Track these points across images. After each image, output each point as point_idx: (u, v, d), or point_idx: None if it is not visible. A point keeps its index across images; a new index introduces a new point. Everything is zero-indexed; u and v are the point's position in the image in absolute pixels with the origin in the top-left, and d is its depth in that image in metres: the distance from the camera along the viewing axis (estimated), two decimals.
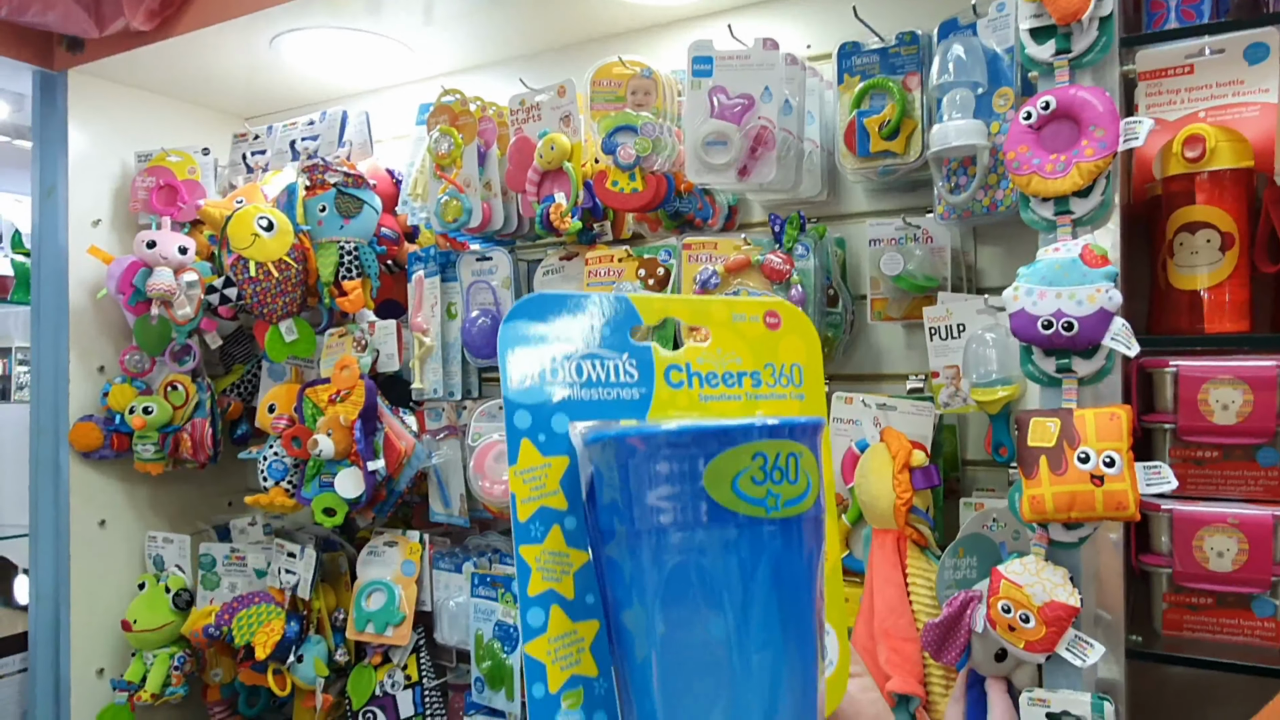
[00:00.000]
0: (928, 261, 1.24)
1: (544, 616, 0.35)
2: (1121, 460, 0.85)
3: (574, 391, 0.37)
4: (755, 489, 0.33)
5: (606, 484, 0.35)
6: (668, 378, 0.38)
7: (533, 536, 0.35)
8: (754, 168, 1.25)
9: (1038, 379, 0.94)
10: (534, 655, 0.35)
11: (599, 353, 0.37)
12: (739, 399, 0.40)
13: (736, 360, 0.40)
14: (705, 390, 0.39)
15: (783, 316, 0.41)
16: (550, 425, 0.36)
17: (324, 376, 1.61)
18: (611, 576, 0.35)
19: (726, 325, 0.40)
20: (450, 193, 1.48)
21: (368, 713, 1.60)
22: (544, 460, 0.36)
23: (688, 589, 0.33)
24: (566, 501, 0.36)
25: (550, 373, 0.36)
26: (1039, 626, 0.89)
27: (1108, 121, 0.88)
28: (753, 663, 0.33)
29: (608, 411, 0.37)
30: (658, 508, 0.33)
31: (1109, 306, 0.86)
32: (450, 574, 1.57)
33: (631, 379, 0.38)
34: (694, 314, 0.40)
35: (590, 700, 0.36)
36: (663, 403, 0.38)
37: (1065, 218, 0.92)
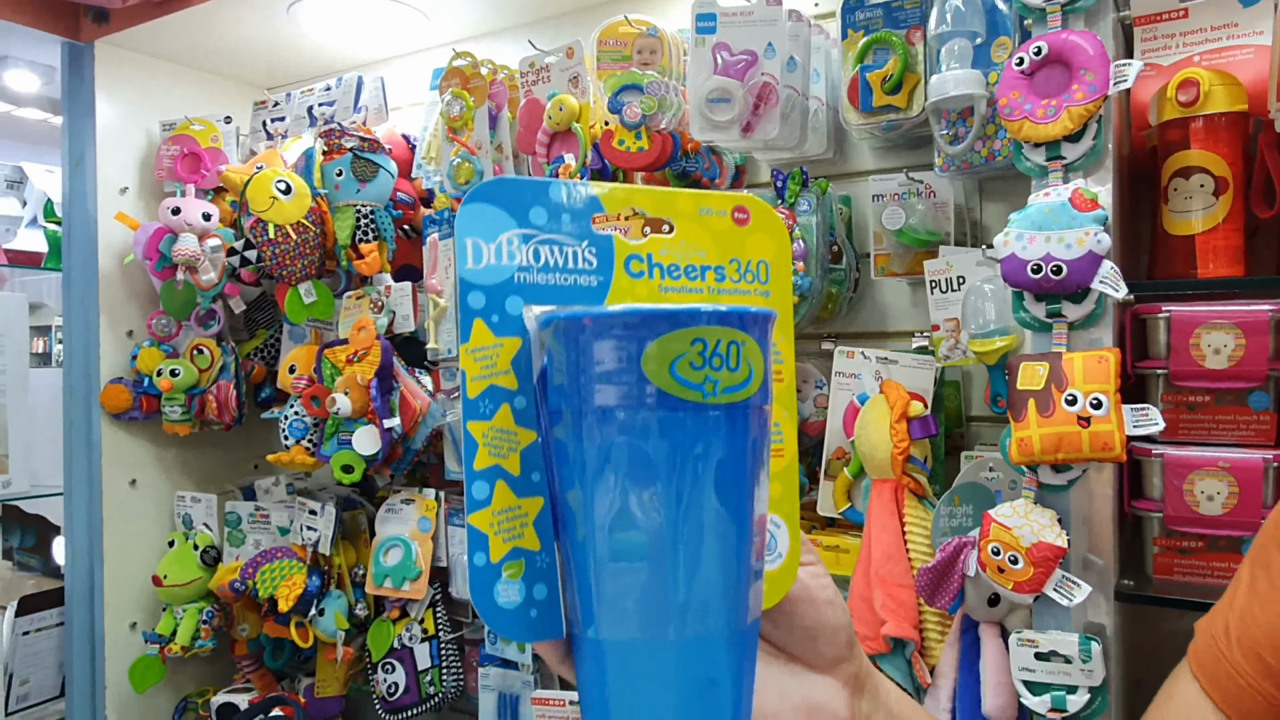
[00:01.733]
0: (930, 216, 1.24)
1: (488, 490, 0.36)
2: (1109, 402, 0.86)
3: (530, 275, 0.37)
4: (694, 374, 0.33)
5: (556, 366, 0.35)
6: (628, 267, 0.39)
7: (481, 413, 0.36)
8: (757, 124, 1.26)
9: (1029, 324, 0.94)
10: (477, 526, 0.36)
11: (557, 238, 0.37)
12: (700, 292, 0.39)
13: (701, 254, 0.39)
14: (666, 282, 0.39)
15: (751, 212, 0.40)
16: (504, 307, 0.36)
17: (342, 338, 1.65)
18: (558, 457, 0.36)
19: (692, 218, 0.39)
20: (462, 155, 1.50)
21: (387, 664, 1.65)
22: (496, 340, 0.36)
23: (625, 470, 0.34)
24: (517, 382, 0.37)
25: (507, 255, 0.36)
26: (1027, 567, 0.91)
27: (1098, 65, 0.88)
28: (682, 544, 0.34)
29: (564, 297, 0.37)
30: (600, 389, 0.34)
31: (1098, 249, 0.87)
32: (465, 530, 1.61)
33: (590, 266, 0.38)
34: (659, 205, 0.40)
35: (531, 572, 0.37)
36: (621, 291, 0.38)
37: (1057, 163, 0.92)
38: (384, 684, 1.64)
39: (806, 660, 0.41)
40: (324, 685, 1.80)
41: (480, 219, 0.36)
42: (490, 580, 0.36)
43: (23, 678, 1.90)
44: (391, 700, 1.63)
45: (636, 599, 0.34)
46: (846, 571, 1.20)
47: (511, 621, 0.37)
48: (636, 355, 0.33)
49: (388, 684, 1.64)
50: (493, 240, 0.36)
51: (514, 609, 0.37)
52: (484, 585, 0.36)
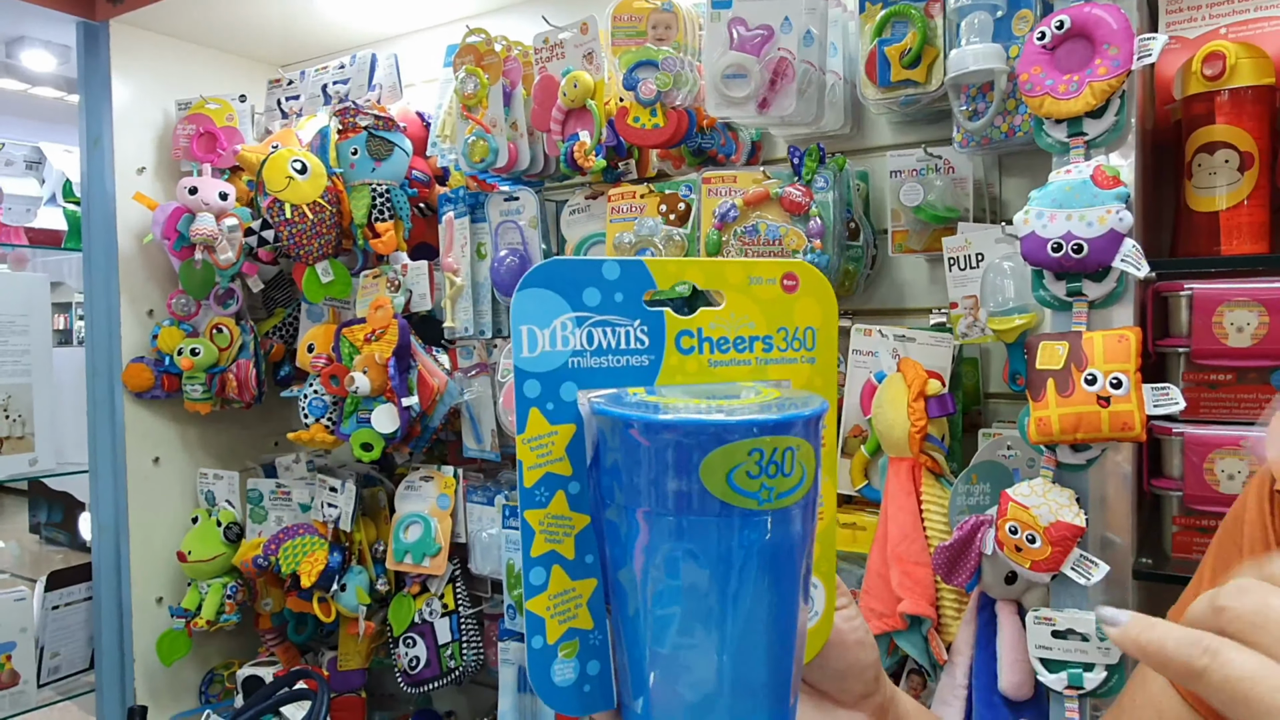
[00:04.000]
0: (948, 192, 1.23)
1: (545, 576, 0.37)
2: (1129, 381, 0.85)
3: (583, 359, 0.37)
4: (750, 483, 0.33)
5: (609, 454, 0.36)
6: (678, 344, 0.38)
7: (537, 501, 0.37)
8: (774, 100, 1.24)
9: (1048, 303, 0.94)
10: (534, 611, 0.37)
11: (610, 319, 0.37)
12: (748, 364, 0.40)
13: (749, 324, 0.39)
14: (715, 356, 0.39)
15: (801, 279, 0.40)
16: (559, 394, 0.37)
17: (359, 316, 1.66)
18: (610, 537, 0.37)
19: (742, 289, 0.39)
20: (477, 133, 1.50)
21: (408, 639, 1.67)
22: (551, 429, 0.37)
23: (678, 568, 0.34)
24: (571, 468, 0.37)
25: (561, 340, 0.37)
26: (1045, 546, 0.91)
27: (1122, 39, 0.86)
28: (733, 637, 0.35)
29: (617, 379, 0.38)
30: (656, 491, 0.34)
31: (1119, 228, 0.86)
32: (483, 507, 1.63)
33: (642, 345, 0.38)
34: (709, 278, 0.39)
35: (585, 649, 0.38)
36: (671, 369, 0.38)
37: (1078, 139, 0.91)
38: (405, 658, 1.66)
39: (836, 697, 0.42)
40: (346, 658, 1.83)
41: (535, 305, 0.36)
42: (547, 661, 0.38)
43: (53, 650, 1.94)
44: (413, 674, 1.65)
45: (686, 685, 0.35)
46: (863, 549, 1.20)
47: (567, 698, 0.38)
48: (695, 464, 0.33)
49: (409, 658, 1.66)
50: (547, 326, 0.37)
51: (569, 686, 0.38)
52: (541, 667, 0.38)
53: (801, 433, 0.34)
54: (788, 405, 0.35)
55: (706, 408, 0.34)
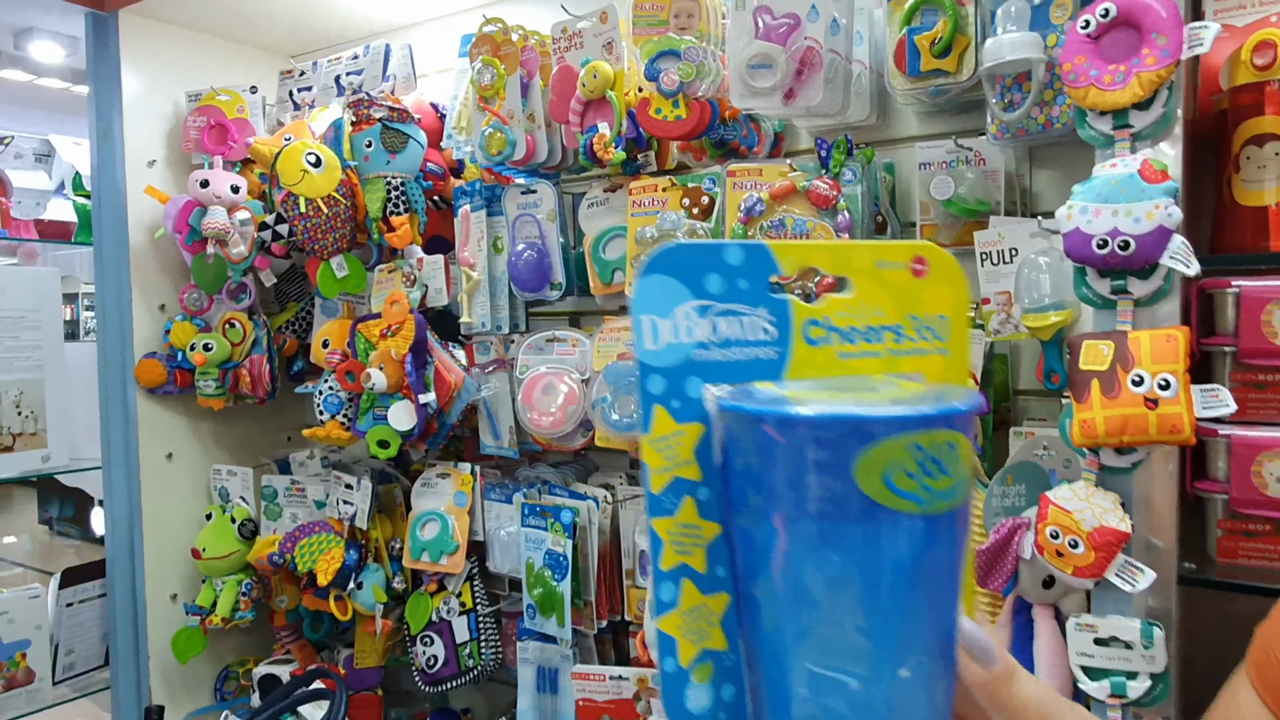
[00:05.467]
0: (980, 185, 1.20)
1: (675, 591, 0.35)
2: (1177, 382, 0.83)
3: (708, 353, 0.35)
4: (909, 483, 0.31)
5: (743, 454, 0.33)
6: (806, 335, 0.36)
7: (665, 509, 0.35)
8: (800, 91, 1.21)
9: (1092, 301, 0.91)
10: (666, 630, 0.35)
11: (735, 308, 0.35)
12: (880, 355, 0.37)
13: (879, 313, 0.37)
14: (844, 347, 0.36)
15: (930, 262, 0.38)
16: (684, 390, 0.34)
17: (375, 312, 1.64)
18: (743, 545, 0.34)
19: (869, 274, 0.37)
20: (494, 125, 1.47)
21: (425, 637, 1.65)
22: (677, 427, 0.35)
23: (823, 574, 0.32)
24: (700, 472, 0.35)
25: (685, 331, 0.34)
26: (1088, 552, 0.88)
27: (1171, 28, 0.83)
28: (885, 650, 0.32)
29: (743, 373, 0.35)
30: (797, 492, 0.31)
31: (1168, 224, 0.83)
32: (501, 504, 1.61)
33: (768, 336, 0.35)
34: (835, 261, 0.37)
35: (719, 673, 0.36)
36: (800, 363, 0.36)
37: (1124, 132, 0.88)
38: (423, 656, 1.65)
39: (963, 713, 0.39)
40: (363, 656, 1.81)
41: (657, 293, 0.34)
42: (681, 686, 0.35)
43: (68, 648, 1.93)
44: (430, 672, 1.64)
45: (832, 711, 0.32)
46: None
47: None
48: (847, 463, 0.30)
49: (427, 656, 1.65)
50: (669, 315, 0.34)
51: (703, 713, 0.36)
52: (675, 691, 0.35)
53: (962, 427, 0.31)
54: (943, 397, 0.32)
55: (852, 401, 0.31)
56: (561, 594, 1.46)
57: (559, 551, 1.47)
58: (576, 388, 1.47)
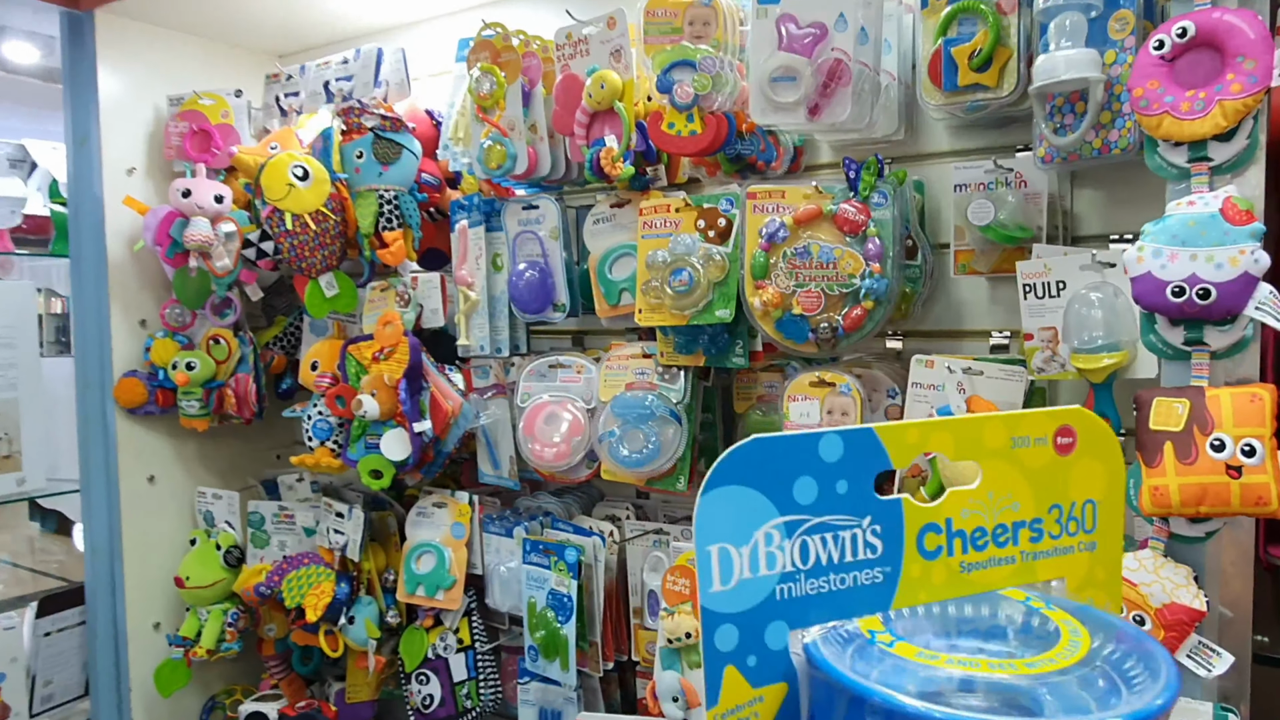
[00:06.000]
0: (1020, 209, 1.11)
1: None
2: (1263, 449, 0.74)
3: (797, 585, 0.27)
4: None
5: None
6: (921, 545, 0.29)
7: None
8: (826, 106, 1.12)
9: (1162, 352, 0.82)
10: None
11: (832, 520, 0.28)
12: (1013, 562, 0.30)
13: (1013, 505, 0.31)
14: (969, 557, 0.30)
15: (1079, 433, 0.31)
16: (764, 641, 0.27)
17: (367, 332, 1.55)
18: None
19: (1003, 454, 0.31)
20: (494, 137, 1.38)
21: (421, 675, 1.57)
22: (754, 694, 0.27)
23: None
24: None
25: (766, 561, 0.27)
26: (1157, 630, 0.80)
27: (1260, 51, 0.74)
28: None
29: (841, 607, 0.28)
30: None
31: (1254, 270, 0.74)
32: (501, 538, 1.52)
33: (874, 554, 0.28)
34: (962, 445, 0.30)
35: None
36: (912, 583, 0.29)
37: (1202, 165, 0.79)
38: (418, 695, 1.56)
39: None
40: (355, 690, 1.73)
41: (728, 511, 0.26)
42: None
43: (46, 678, 1.84)
44: (426, 712, 1.56)
45: None
46: None
47: None
48: None
49: (422, 696, 1.56)
50: (747, 541, 0.26)
51: None
52: None
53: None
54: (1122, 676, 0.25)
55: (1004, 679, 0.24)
56: (565, 637, 1.38)
57: (563, 592, 1.38)
58: (581, 417, 1.38)
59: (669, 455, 1.29)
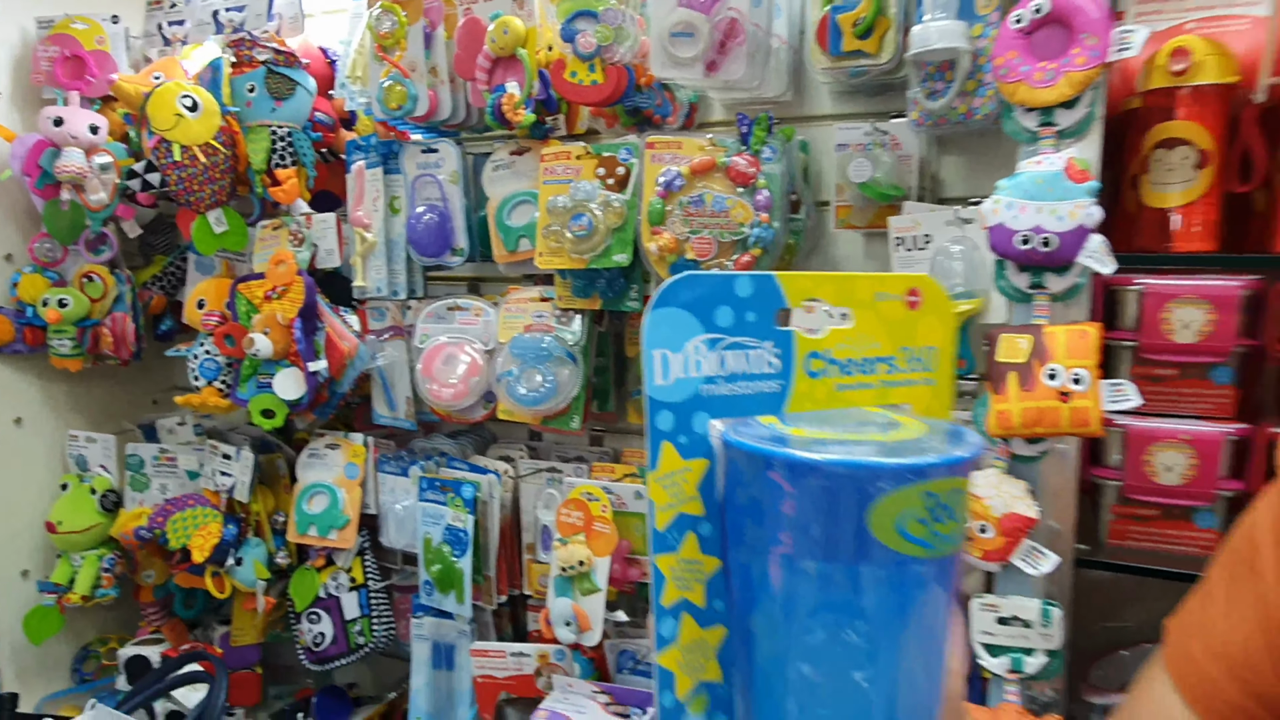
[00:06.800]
0: (894, 170, 1.21)
1: (675, 626, 0.35)
2: (1089, 377, 0.86)
3: (716, 387, 0.35)
4: (920, 529, 0.31)
5: (748, 491, 0.33)
6: (807, 367, 0.37)
7: (669, 545, 0.35)
8: (722, 63, 1.18)
9: (1011, 294, 0.93)
10: (665, 665, 0.35)
11: (742, 340, 0.35)
12: (873, 387, 0.38)
13: (875, 345, 0.38)
14: (842, 379, 0.37)
15: (924, 294, 0.39)
16: (691, 426, 0.35)
17: (258, 271, 1.53)
18: (741, 579, 0.34)
19: (869, 305, 0.38)
20: (394, 77, 1.38)
21: (312, 614, 1.58)
22: (684, 464, 0.35)
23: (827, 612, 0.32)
24: (703, 507, 0.35)
25: (694, 365, 0.34)
26: (998, 537, 0.91)
27: (1101, 29, 0.85)
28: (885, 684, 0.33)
29: (747, 406, 0.36)
30: (808, 533, 0.31)
31: (1088, 223, 0.86)
32: (396, 477, 1.54)
33: (773, 369, 0.36)
34: (840, 294, 0.38)
35: (713, 703, 0.36)
36: (800, 396, 0.36)
37: (1049, 129, 0.89)
38: (309, 634, 1.58)
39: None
40: (240, 633, 1.72)
41: (668, 326, 0.34)
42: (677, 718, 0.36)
43: None
44: (317, 651, 1.57)
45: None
46: None
47: None
48: (861, 509, 0.30)
49: (313, 634, 1.58)
50: (679, 349, 0.34)
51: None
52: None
53: (968, 473, 0.32)
54: (944, 442, 0.32)
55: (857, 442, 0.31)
56: (461, 570, 1.42)
57: (459, 527, 1.42)
58: (479, 358, 1.42)
59: (565, 395, 1.35)
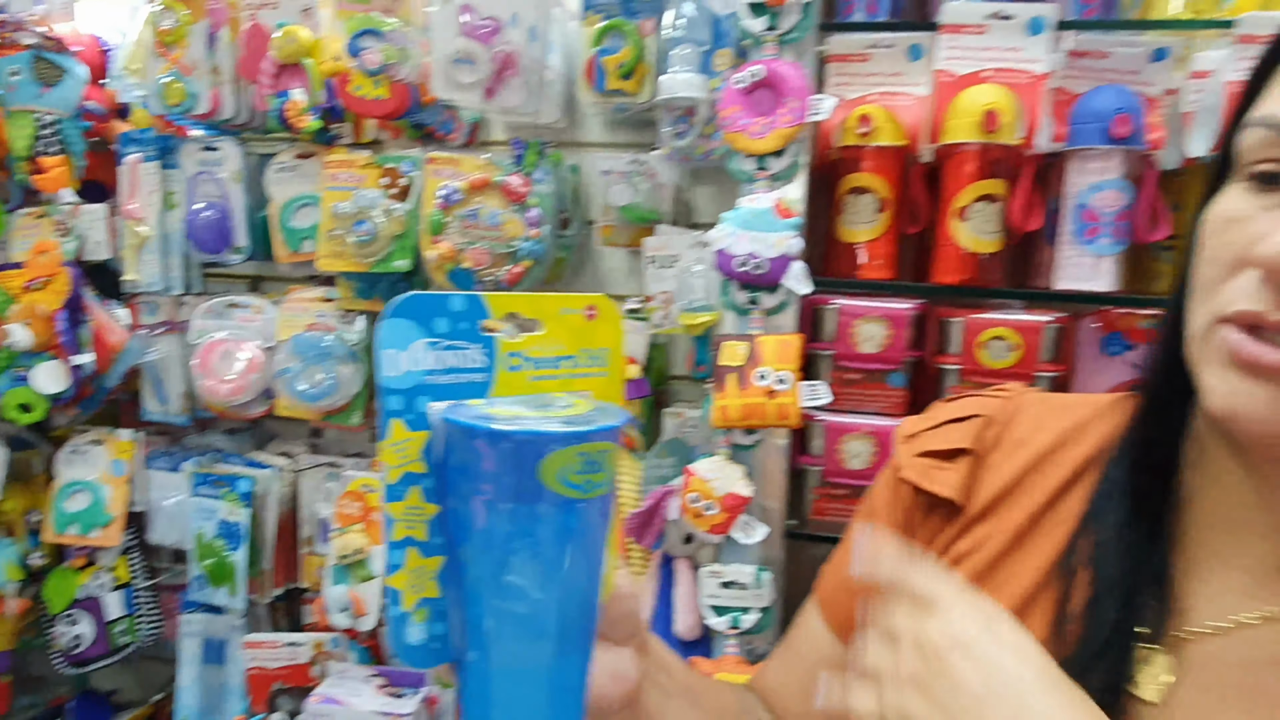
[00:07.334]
0: (651, 196, 1.37)
1: (403, 556, 0.45)
2: (791, 379, 1.05)
3: (435, 377, 0.45)
4: (577, 478, 0.43)
5: (458, 455, 0.44)
6: (507, 364, 0.48)
7: (398, 495, 0.45)
8: (499, 90, 1.30)
9: (732, 308, 1.11)
10: (394, 585, 0.45)
11: (456, 343, 0.46)
12: (560, 378, 0.49)
13: (561, 347, 0.49)
14: (535, 372, 0.48)
15: (599, 310, 0.50)
16: (415, 406, 0.44)
17: (15, 261, 1.48)
18: (456, 522, 0.45)
19: (556, 317, 0.48)
20: (174, 74, 1.39)
21: (69, 616, 1.54)
22: (409, 435, 0.44)
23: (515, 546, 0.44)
24: (425, 467, 0.45)
25: (417, 361, 0.44)
26: (720, 513, 1.08)
27: (800, 94, 1.04)
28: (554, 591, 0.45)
29: (459, 393, 0.46)
30: (498, 484, 0.43)
31: (791, 252, 1.04)
32: (167, 474, 1.53)
33: (480, 365, 0.46)
34: (532, 309, 0.48)
35: (433, 614, 0.47)
36: (502, 383, 0.47)
37: (763, 173, 1.08)
38: (65, 637, 1.53)
39: (610, 636, 0.51)
40: None
41: (396, 332, 0.44)
42: (403, 625, 0.46)
43: None
44: (75, 654, 1.53)
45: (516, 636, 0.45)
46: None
47: (418, 654, 0.47)
48: (533, 464, 0.42)
49: (69, 637, 1.53)
50: (405, 349, 0.44)
51: (420, 645, 0.47)
52: (399, 630, 0.46)
53: (612, 438, 0.44)
54: (600, 417, 0.44)
55: (538, 418, 0.43)
56: (234, 563, 1.44)
57: (234, 521, 1.44)
58: (258, 355, 1.45)
59: (346, 392, 1.41)
